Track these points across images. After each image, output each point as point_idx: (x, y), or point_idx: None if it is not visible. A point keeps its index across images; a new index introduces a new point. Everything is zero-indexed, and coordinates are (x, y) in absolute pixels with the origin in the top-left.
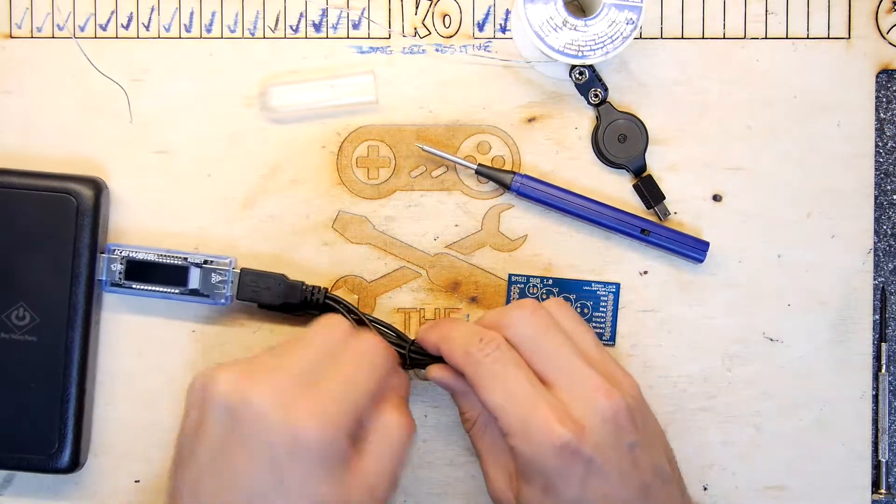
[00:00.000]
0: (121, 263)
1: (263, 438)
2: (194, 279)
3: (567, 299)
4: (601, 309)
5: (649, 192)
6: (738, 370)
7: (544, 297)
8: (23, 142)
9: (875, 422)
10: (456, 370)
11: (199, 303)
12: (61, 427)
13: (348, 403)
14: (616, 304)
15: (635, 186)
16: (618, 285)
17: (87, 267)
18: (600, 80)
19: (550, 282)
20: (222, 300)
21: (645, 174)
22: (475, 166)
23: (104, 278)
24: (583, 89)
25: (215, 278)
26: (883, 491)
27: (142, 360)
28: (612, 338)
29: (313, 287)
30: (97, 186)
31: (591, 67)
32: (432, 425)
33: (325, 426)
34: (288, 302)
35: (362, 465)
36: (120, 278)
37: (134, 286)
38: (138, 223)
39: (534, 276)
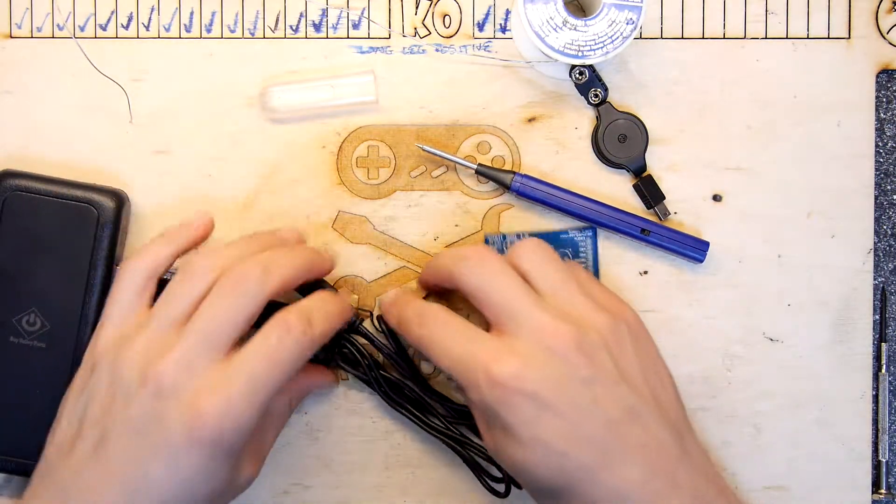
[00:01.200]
0: None
1: (161, 425)
2: None
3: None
4: (581, 255)
5: (649, 192)
6: (738, 370)
7: None
8: (22, 142)
9: (875, 422)
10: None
11: None
12: None
13: (258, 396)
14: (595, 248)
15: (635, 186)
16: (594, 229)
17: (102, 278)
18: (600, 80)
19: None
20: None
21: (645, 174)
22: (475, 166)
23: None
24: (583, 89)
25: None
26: (883, 491)
27: None
28: None
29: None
30: (119, 199)
31: (591, 67)
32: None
33: (227, 422)
34: None
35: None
36: None
37: None
38: (137, 223)
39: (510, 234)
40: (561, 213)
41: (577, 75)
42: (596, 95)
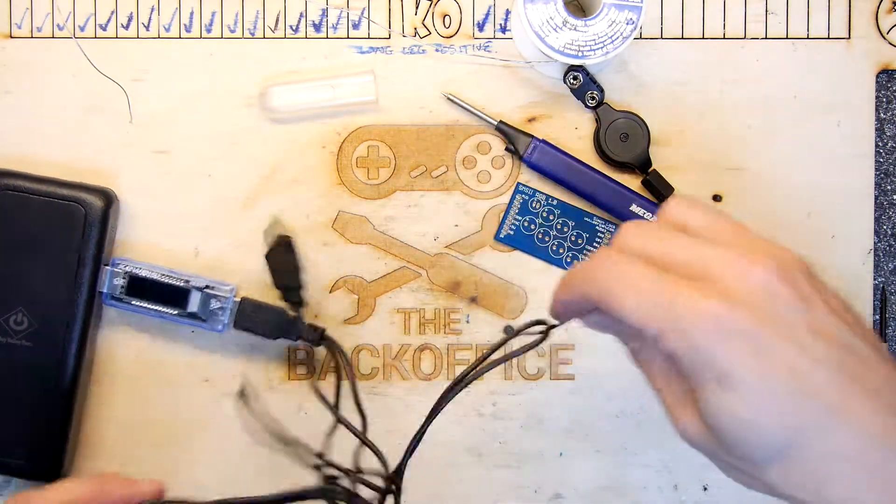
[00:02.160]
0: (123, 278)
1: None
2: (194, 303)
3: (566, 224)
4: (595, 244)
5: (659, 184)
6: None
7: (545, 214)
8: (22, 142)
9: None
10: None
11: (196, 327)
12: (47, 435)
13: None
14: None
15: (644, 182)
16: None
17: (90, 278)
18: (595, 82)
19: (555, 202)
20: (219, 327)
21: (651, 169)
22: (496, 122)
23: (105, 291)
24: (578, 93)
25: (214, 304)
26: None
27: (140, 366)
28: None
29: (311, 326)
30: (107, 198)
31: (584, 71)
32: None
33: None
34: (284, 336)
35: None
36: (121, 293)
37: (133, 302)
38: (137, 222)
39: (540, 192)
40: (570, 192)
41: (572, 80)
42: (592, 98)
